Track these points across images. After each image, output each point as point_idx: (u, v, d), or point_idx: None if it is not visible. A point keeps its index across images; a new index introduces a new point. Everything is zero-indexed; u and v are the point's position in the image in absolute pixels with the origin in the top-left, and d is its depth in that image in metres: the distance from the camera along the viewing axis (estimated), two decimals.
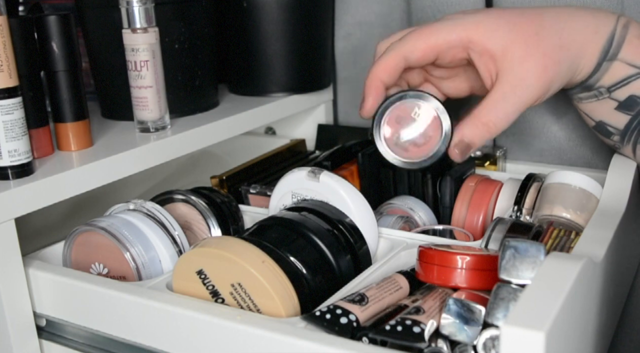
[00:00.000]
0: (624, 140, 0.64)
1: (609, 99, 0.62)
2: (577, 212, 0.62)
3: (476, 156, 0.82)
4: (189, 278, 0.54)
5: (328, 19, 0.92)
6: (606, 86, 0.61)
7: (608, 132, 0.65)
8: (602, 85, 0.62)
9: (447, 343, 0.47)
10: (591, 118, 0.65)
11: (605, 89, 0.62)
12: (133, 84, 0.70)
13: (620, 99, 0.62)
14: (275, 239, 0.56)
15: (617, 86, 0.61)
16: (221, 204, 0.68)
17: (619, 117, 0.63)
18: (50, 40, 0.64)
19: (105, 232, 0.60)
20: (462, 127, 0.61)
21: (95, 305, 0.57)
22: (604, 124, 0.64)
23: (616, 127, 0.64)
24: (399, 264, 0.60)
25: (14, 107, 0.58)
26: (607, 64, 0.60)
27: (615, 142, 0.66)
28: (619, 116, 0.63)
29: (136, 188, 0.87)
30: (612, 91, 0.61)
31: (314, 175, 0.64)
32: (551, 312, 0.39)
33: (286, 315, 0.50)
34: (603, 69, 0.61)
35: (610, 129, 0.64)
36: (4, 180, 0.59)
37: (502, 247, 0.46)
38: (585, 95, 0.63)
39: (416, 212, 0.71)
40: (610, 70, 0.61)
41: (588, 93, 0.63)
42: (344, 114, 0.98)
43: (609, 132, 0.65)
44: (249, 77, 0.88)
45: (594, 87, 0.62)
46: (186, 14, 0.76)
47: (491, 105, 0.60)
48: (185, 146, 0.73)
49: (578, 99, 0.65)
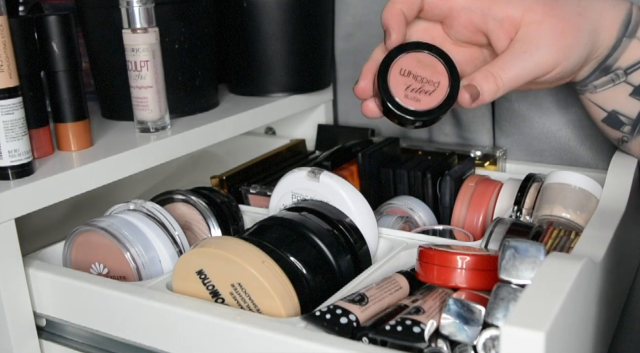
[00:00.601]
0: (634, 131, 0.64)
1: (625, 83, 0.61)
2: (577, 212, 0.62)
3: (476, 156, 0.83)
4: (189, 278, 0.54)
5: (328, 19, 0.92)
6: (623, 68, 0.61)
7: (619, 123, 0.64)
8: (619, 67, 0.61)
9: (447, 343, 0.47)
10: (603, 108, 0.64)
11: (622, 71, 0.61)
12: (133, 84, 0.70)
13: (635, 83, 0.61)
14: (275, 239, 0.56)
15: (635, 68, 0.61)
16: (221, 204, 0.68)
17: (632, 104, 0.62)
18: (50, 40, 0.64)
19: (105, 232, 0.60)
20: (472, 75, 0.59)
21: (95, 305, 0.57)
22: (616, 113, 0.63)
23: (629, 115, 0.63)
24: (399, 264, 0.60)
25: (14, 107, 0.58)
26: (627, 41, 0.60)
27: (624, 134, 0.65)
28: (633, 103, 0.62)
29: (136, 188, 0.87)
30: (629, 73, 0.61)
31: (314, 175, 0.64)
32: (551, 312, 0.39)
33: (286, 315, 0.50)
34: (623, 45, 0.60)
35: (622, 118, 0.63)
36: (4, 180, 0.59)
37: (502, 247, 0.46)
38: (600, 82, 0.62)
39: (416, 212, 0.71)
40: (628, 49, 0.60)
41: (605, 78, 0.62)
42: (344, 114, 0.98)
43: (620, 122, 0.64)
44: (249, 77, 0.88)
45: (611, 69, 0.61)
46: (186, 14, 0.76)
47: (502, 62, 0.58)
48: (185, 146, 0.73)
49: (592, 88, 0.63)
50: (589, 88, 0.64)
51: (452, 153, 0.80)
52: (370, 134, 0.93)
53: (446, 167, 0.75)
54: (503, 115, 0.83)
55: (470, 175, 0.76)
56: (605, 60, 0.61)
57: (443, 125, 0.88)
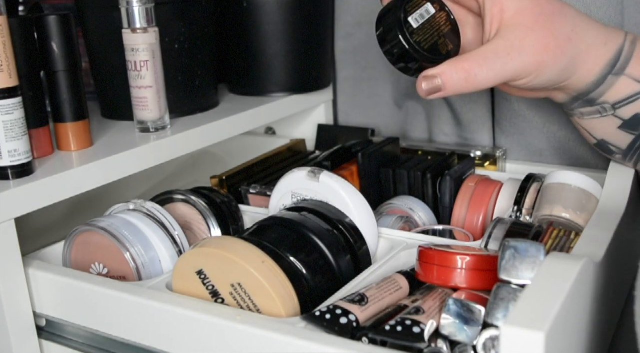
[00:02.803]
0: (626, 159, 0.63)
1: (612, 116, 0.60)
2: (577, 213, 0.62)
3: (476, 156, 0.83)
4: (189, 278, 0.54)
5: (328, 19, 0.92)
6: (611, 103, 0.59)
7: (610, 151, 0.63)
8: (606, 101, 0.59)
9: (447, 343, 0.47)
10: (592, 136, 0.63)
11: (609, 105, 0.60)
12: (133, 84, 0.70)
13: (624, 117, 0.60)
14: (275, 239, 0.56)
15: (623, 103, 0.59)
16: (221, 204, 0.68)
17: (622, 137, 0.61)
18: (50, 40, 0.64)
19: (105, 232, 0.60)
20: (443, 64, 0.57)
21: (95, 305, 0.57)
22: (605, 142, 0.63)
23: (619, 146, 0.62)
24: (399, 264, 0.60)
25: (14, 107, 0.58)
26: (613, 79, 0.58)
27: (617, 160, 0.65)
28: (622, 136, 0.61)
29: (136, 188, 0.87)
30: (617, 108, 0.59)
31: (314, 175, 0.64)
32: (551, 312, 0.39)
33: (286, 315, 0.50)
34: (608, 83, 0.58)
35: (612, 147, 0.63)
36: (4, 180, 0.59)
37: (502, 247, 0.46)
38: (587, 111, 0.61)
39: (416, 212, 0.71)
40: (615, 86, 0.59)
41: (591, 108, 0.61)
42: (344, 114, 0.98)
43: (610, 150, 0.63)
44: (249, 77, 0.88)
45: (597, 102, 0.60)
46: (186, 14, 0.76)
47: (480, 56, 0.56)
48: (185, 146, 0.73)
49: (579, 114, 0.62)
50: (576, 113, 0.63)
51: (452, 153, 0.80)
52: (370, 134, 0.93)
53: (446, 167, 0.75)
54: (503, 115, 0.83)
55: (470, 175, 0.76)
56: (586, 95, 0.60)
57: (443, 125, 0.88)
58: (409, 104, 0.91)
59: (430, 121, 0.90)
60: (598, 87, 0.59)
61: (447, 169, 0.74)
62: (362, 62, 0.94)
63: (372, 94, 0.95)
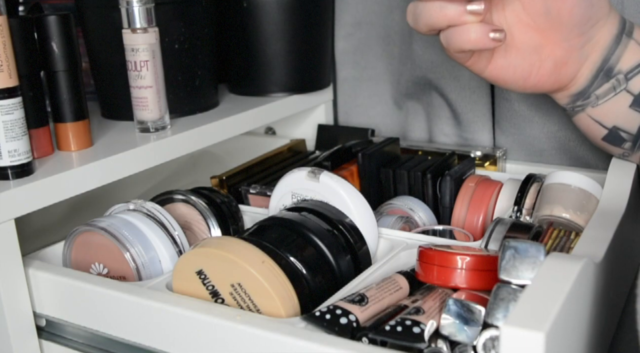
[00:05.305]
0: (635, 146, 0.64)
1: (625, 92, 0.61)
2: (577, 213, 0.62)
3: (476, 156, 0.83)
4: (189, 278, 0.54)
5: (328, 19, 0.92)
6: (624, 71, 0.61)
7: (620, 139, 0.63)
8: (620, 71, 0.61)
9: (447, 343, 0.47)
10: (604, 125, 0.63)
11: (623, 76, 0.61)
12: (133, 84, 0.70)
13: (635, 91, 0.61)
14: (275, 239, 0.56)
15: (635, 72, 0.60)
16: (221, 204, 0.68)
17: (633, 117, 0.62)
18: (50, 40, 0.64)
19: (105, 232, 0.60)
20: None
21: (95, 305, 0.57)
22: (617, 129, 0.63)
23: (629, 131, 0.62)
24: (399, 264, 0.60)
25: (14, 107, 0.58)
26: (627, 39, 0.60)
27: (625, 150, 0.65)
28: (633, 115, 0.61)
29: (136, 188, 0.87)
30: (629, 79, 0.60)
31: (314, 176, 0.64)
32: (551, 312, 0.39)
33: (286, 315, 0.50)
34: (623, 43, 0.60)
35: (623, 134, 0.63)
36: (4, 180, 0.59)
37: (502, 248, 0.46)
38: (602, 91, 0.62)
39: (416, 212, 0.71)
40: (627, 50, 0.60)
41: (606, 86, 0.61)
42: (344, 114, 0.98)
43: (621, 138, 0.63)
44: (249, 77, 0.88)
45: (613, 73, 0.61)
46: (186, 14, 0.76)
47: None
48: (185, 146, 0.73)
49: (595, 99, 0.63)
50: (591, 100, 0.63)
51: (452, 153, 0.80)
52: (370, 134, 0.93)
53: (446, 167, 0.75)
54: (503, 115, 0.83)
55: (470, 175, 0.75)
56: (607, 60, 0.61)
57: (443, 125, 0.88)
58: (408, 104, 0.91)
59: (430, 121, 0.90)
60: (617, 46, 0.60)
61: (447, 169, 0.74)
62: (362, 62, 0.94)
63: (372, 94, 0.95)
